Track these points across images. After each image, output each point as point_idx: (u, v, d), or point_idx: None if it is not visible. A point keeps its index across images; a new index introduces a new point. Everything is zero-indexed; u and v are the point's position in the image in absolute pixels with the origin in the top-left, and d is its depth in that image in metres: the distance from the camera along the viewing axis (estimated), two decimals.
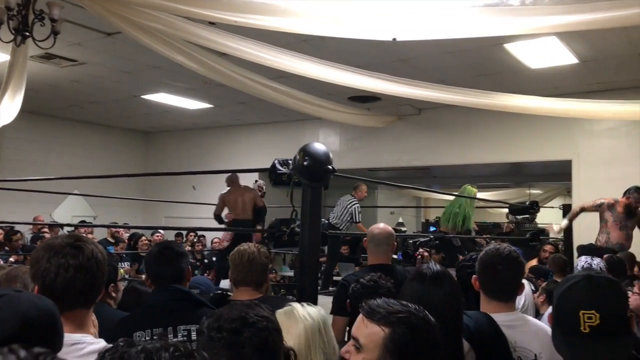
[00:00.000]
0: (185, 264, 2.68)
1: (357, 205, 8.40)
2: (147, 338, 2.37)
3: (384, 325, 1.50)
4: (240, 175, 8.74)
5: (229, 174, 8.44)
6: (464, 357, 1.96)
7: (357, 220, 8.33)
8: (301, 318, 1.87)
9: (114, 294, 2.96)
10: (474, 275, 2.33)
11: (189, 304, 2.52)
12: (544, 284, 4.31)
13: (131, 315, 2.85)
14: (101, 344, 1.65)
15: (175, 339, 2.39)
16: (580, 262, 4.09)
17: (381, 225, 3.53)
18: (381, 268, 3.10)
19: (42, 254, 1.65)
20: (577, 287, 1.62)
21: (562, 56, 6.70)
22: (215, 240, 10.18)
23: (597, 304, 1.56)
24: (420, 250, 5.10)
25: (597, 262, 3.90)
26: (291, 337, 1.77)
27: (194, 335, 2.47)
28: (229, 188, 8.39)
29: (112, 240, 8.97)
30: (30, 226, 9.29)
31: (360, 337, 1.52)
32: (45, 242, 1.71)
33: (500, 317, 2.15)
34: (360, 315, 1.56)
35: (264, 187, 8.59)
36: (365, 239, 3.45)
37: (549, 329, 2.33)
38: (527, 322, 2.25)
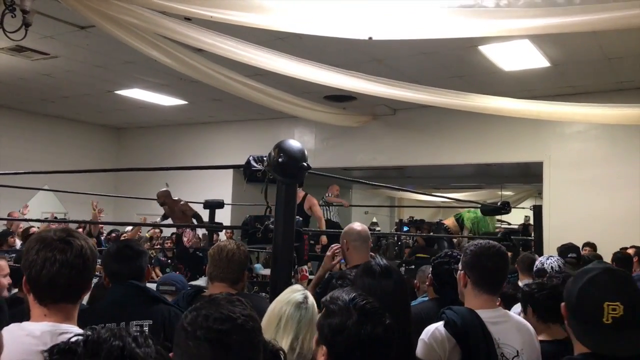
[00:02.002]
0: (144, 263, 2.67)
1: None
2: None
3: (324, 307, 1.58)
4: (216, 171, 8.63)
5: (161, 191, 8.25)
6: (411, 346, 2.01)
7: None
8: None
9: None
10: (460, 272, 2.34)
11: (144, 300, 2.50)
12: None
13: (85, 310, 2.81)
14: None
15: None
16: (536, 262, 4.19)
17: (358, 223, 3.48)
18: None
19: (33, 245, 1.66)
20: (598, 280, 1.64)
21: (535, 59, 6.81)
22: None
23: (620, 295, 1.59)
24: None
25: (550, 262, 3.97)
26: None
27: (146, 331, 2.45)
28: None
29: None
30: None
31: None
32: (38, 234, 1.73)
33: (485, 314, 2.19)
34: None
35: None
36: (345, 239, 3.31)
37: (529, 326, 2.37)
38: (509, 319, 2.28)
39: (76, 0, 4.57)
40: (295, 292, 2.01)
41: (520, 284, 4.25)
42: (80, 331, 1.64)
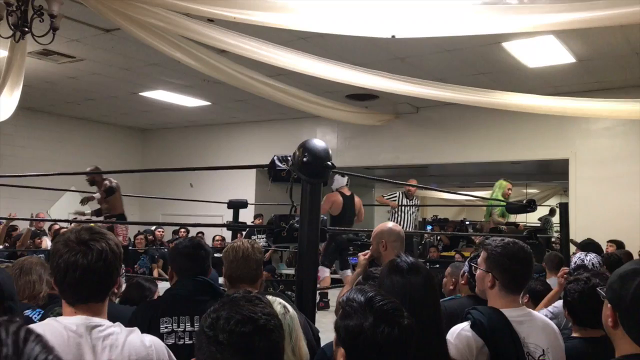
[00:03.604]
0: (210, 262, 2.81)
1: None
2: (173, 324, 2.45)
3: (341, 308, 1.58)
4: (239, 171, 8.57)
5: (91, 168, 7.82)
6: (445, 342, 1.99)
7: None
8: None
9: (115, 290, 2.99)
10: (486, 272, 2.27)
11: (213, 296, 2.57)
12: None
13: (157, 300, 2.90)
14: (119, 326, 1.71)
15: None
16: (575, 258, 4.11)
17: (392, 223, 3.44)
18: None
19: (58, 248, 1.69)
20: None
21: (560, 55, 6.72)
22: (218, 238, 10.15)
23: None
24: None
25: (590, 258, 3.91)
26: None
27: None
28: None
29: None
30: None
31: None
32: (64, 236, 1.73)
33: (510, 313, 2.17)
34: None
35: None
36: (383, 239, 3.26)
37: (554, 325, 2.35)
38: (533, 318, 2.26)
39: (102, 3, 4.65)
40: (273, 305, 2.02)
41: (548, 282, 4.20)
42: (112, 324, 1.68)
